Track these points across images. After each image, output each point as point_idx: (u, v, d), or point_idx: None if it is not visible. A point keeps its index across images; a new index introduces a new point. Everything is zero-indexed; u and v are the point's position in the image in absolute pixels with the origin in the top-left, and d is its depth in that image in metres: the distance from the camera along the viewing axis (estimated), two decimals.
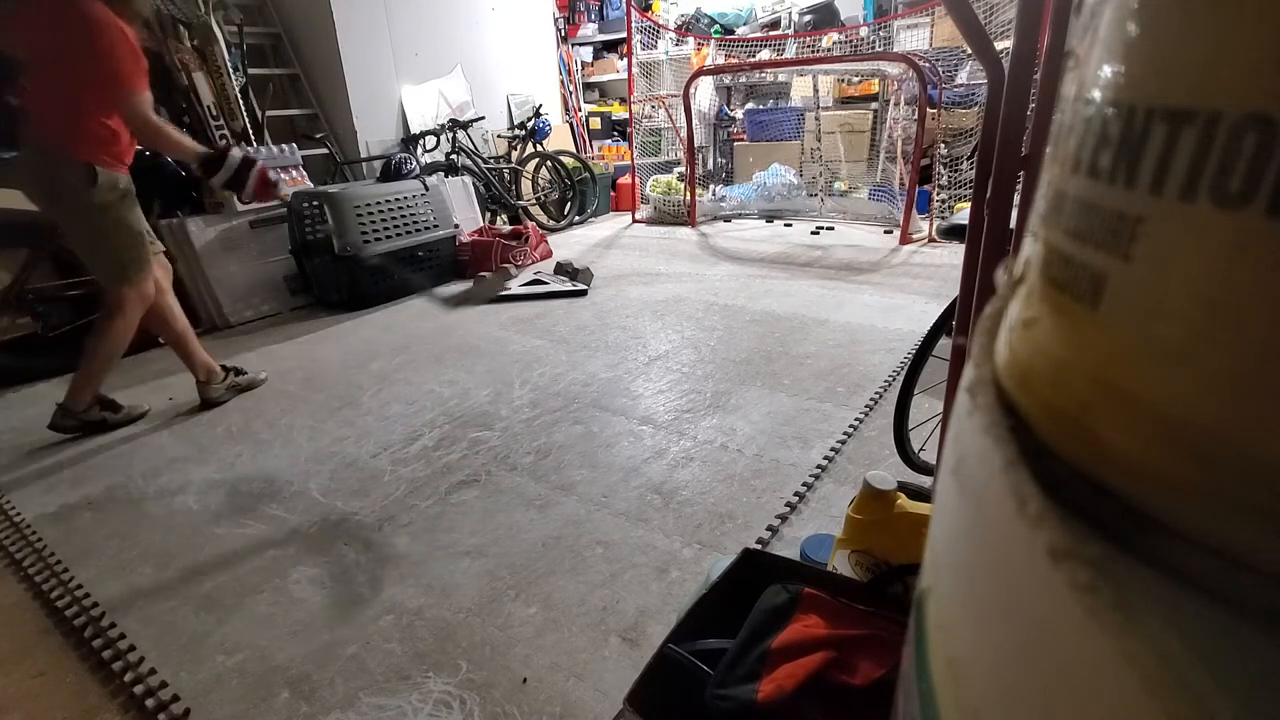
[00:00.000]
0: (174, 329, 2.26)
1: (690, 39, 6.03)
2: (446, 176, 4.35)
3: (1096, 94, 0.22)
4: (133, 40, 1.89)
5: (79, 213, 1.95)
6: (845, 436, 1.90)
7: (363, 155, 4.40)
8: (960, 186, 4.51)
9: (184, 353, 2.29)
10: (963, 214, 1.16)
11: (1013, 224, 0.98)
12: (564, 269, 3.70)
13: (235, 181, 2.09)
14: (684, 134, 5.10)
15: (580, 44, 7.39)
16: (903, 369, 2.06)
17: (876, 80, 5.32)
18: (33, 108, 1.91)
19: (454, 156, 4.54)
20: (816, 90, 5.46)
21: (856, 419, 2.00)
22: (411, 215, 3.71)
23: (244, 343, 3.06)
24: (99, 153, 1.94)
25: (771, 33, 5.98)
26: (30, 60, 1.90)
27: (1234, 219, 0.17)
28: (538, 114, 5.18)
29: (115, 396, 2.27)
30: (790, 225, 5.14)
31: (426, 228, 3.78)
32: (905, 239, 4.30)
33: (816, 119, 5.43)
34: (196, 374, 2.33)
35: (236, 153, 2.10)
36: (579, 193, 5.34)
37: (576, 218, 5.43)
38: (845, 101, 5.65)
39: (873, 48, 5.26)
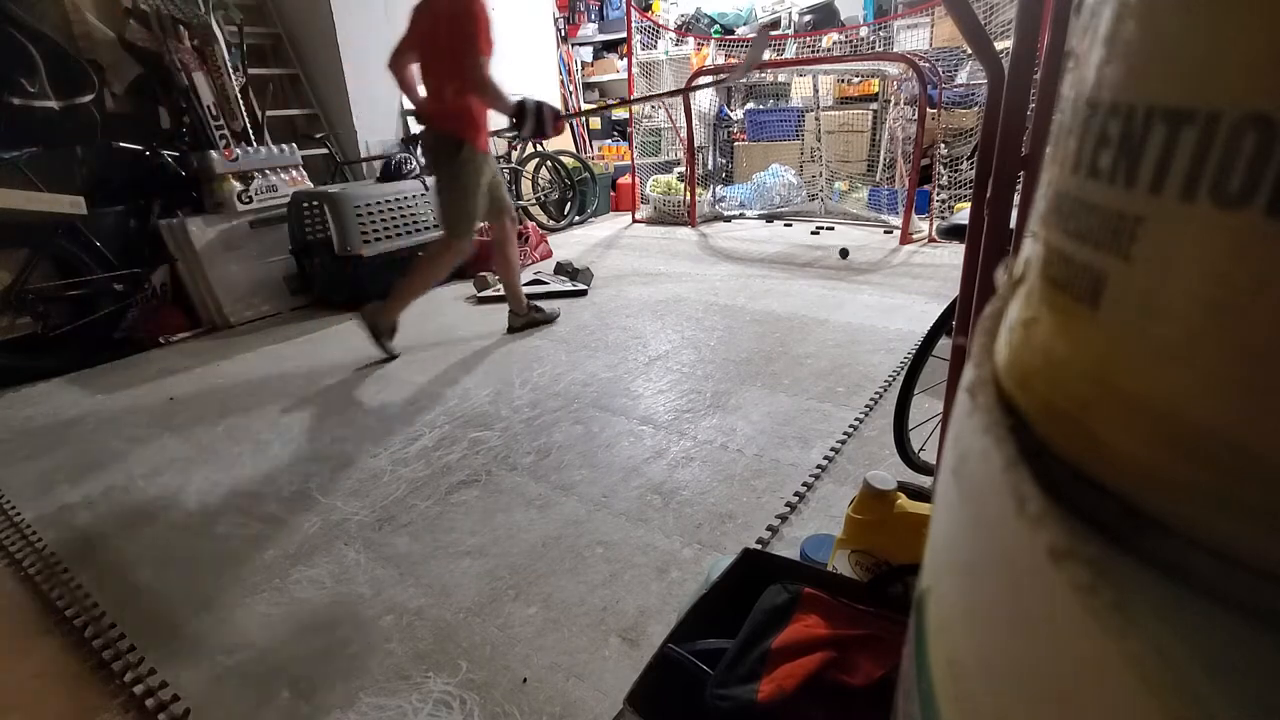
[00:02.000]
0: (509, 270, 2.89)
1: (690, 39, 6.03)
2: None
3: (1096, 94, 0.22)
4: (488, 13, 2.37)
5: (447, 174, 2.52)
6: (845, 436, 1.91)
7: (363, 155, 4.40)
8: (960, 186, 4.51)
9: (510, 288, 2.93)
10: (963, 214, 1.16)
11: (1013, 224, 0.98)
12: (564, 269, 3.70)
13: (538, 125, 2.52)
14: (684, 134, 5.10)
15: (580, 44, 7.39)
16: (903, 369, 2.07)
17: (876, 80, 5.32)
18: (429, 95, 2.55)
19: None
20: (816, 90, 5.45)
21: (856, 419, 2.00)
22: (411, 215, 3.71)
23: (245, 343, 3.06)
24: (466, 131, 2.47)
25: (771, 33, 5.98)
26: (425, 54, 2.55)
27: (1234, 219, 0.17)
28: None
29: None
30: (790, 225, 5.14)
31: (426, 228, 3.78)
32: (905, 239, 4.30)
33: (816, 119, 5.43)
34: (512, 305, 2.96)
35: (530, 101, 2.52)
36: (579, 193, 5.34)
37: (576, 218, 5.43)
38: (845, 101, 5.65)
39: (873, 48, 5.26)
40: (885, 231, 4.66)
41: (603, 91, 7.57)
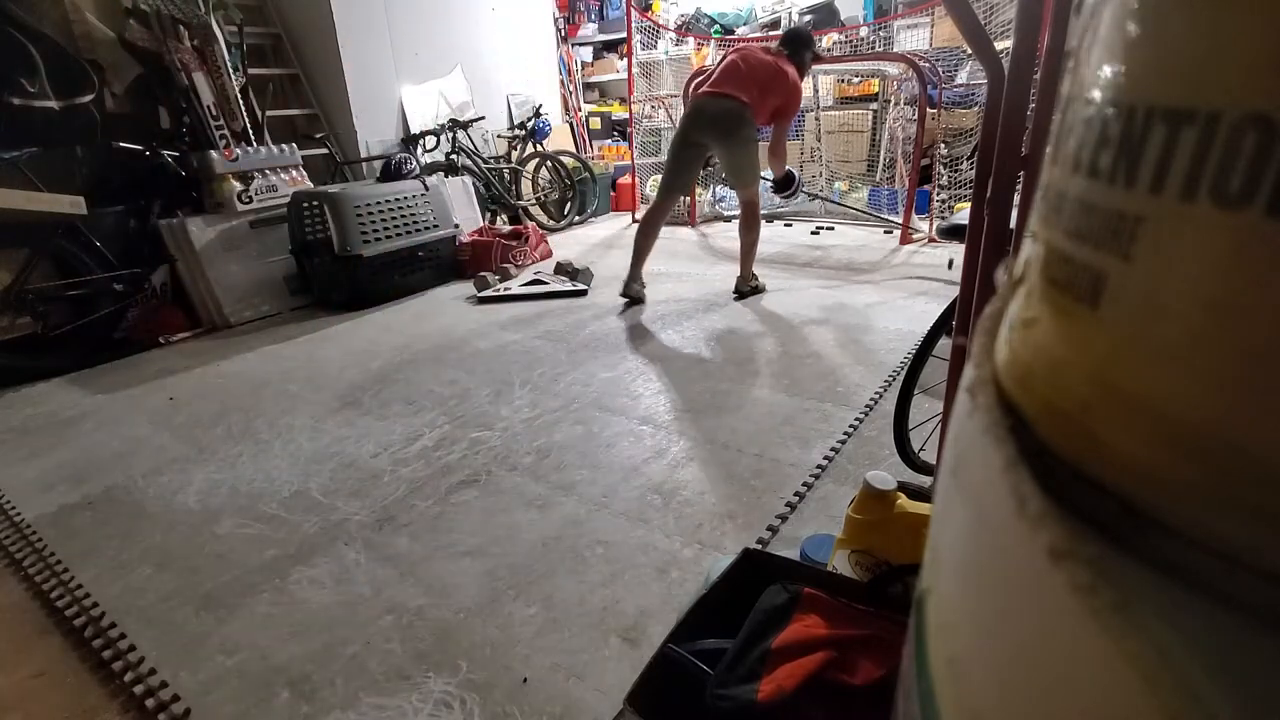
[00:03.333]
0: (754, 231, 3.36)
1: (690, 39, 6.03)
2: (446, 176, 4.35)
3: (1096, 94, 0.22)
4: (799, 95, 3.23)
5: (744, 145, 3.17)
6: (845, 436, 1.90)
7: (363, 155, 4.40)
8: (960, 186, 4.51)
9: (746, 251, 3.35)
10: (963, 214, 1.16)
11: (1013, 224, 0.98)
12: (564, 269, 3.70)
13: (785, 185, 3.45)
14: None
15: (580, 44, 7.39)
16: (903, 369, 2.07)
17: (876, 80, 5.32)
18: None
19: (454, 156, 4.54)
20: (816, 90, 5.45)
21: (856, 419, 2.00)
22: (411, 215, 3.71)
23: (244, 343, 3.06)
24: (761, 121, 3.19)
25: (771, 33, 5.98)
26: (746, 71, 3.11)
27: (1234, 219, 0.17)
28: (538, 114, 5.18)
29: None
30: (790, 225, 5.14)
31: (426, 228, 3.78)
32: (905, 239, 4.30)
33: (816, 119, 5.43)
34: (743, 270, 3.36)
35: (794, 187, 3.51)
36: (579, 193, 5.34)
37: (576, 218, 5.43)
38: (845, 101, 5.65)
39: (873, 48, 5.25)
40: (885, 231, 4.66)
41: (603, 92, 7.57)
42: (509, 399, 2.27)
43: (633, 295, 3.25)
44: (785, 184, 3.40)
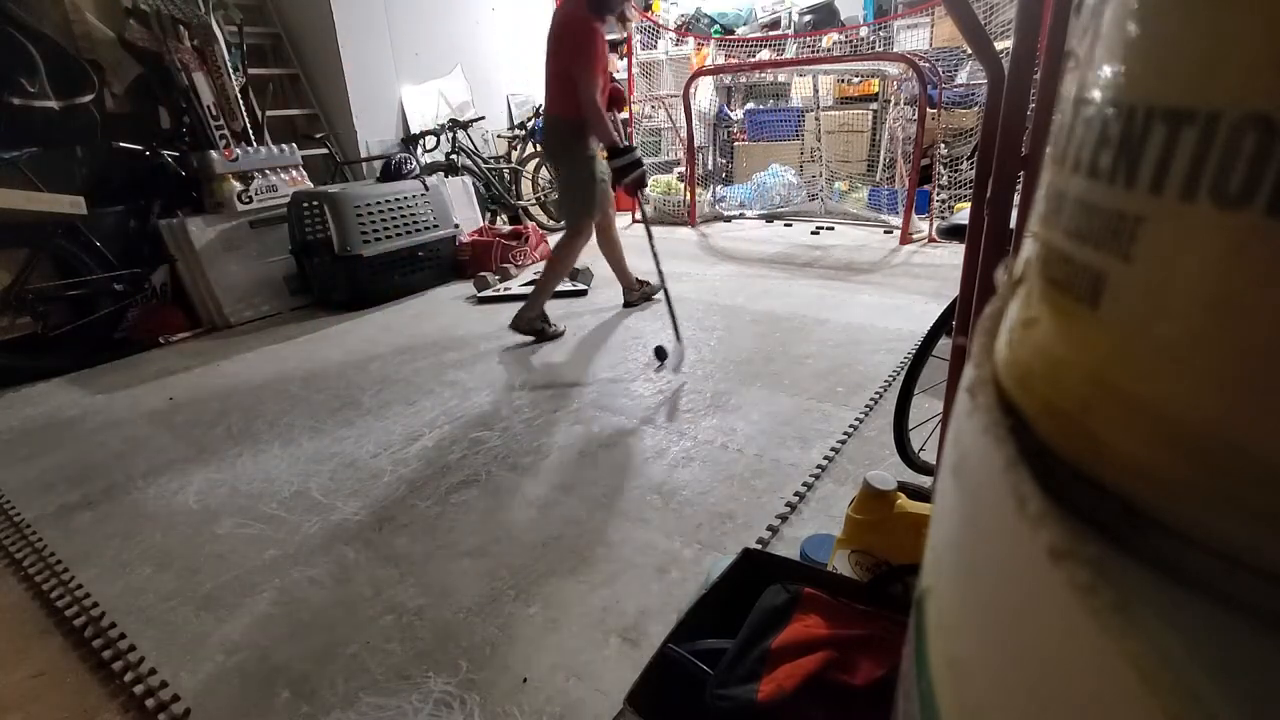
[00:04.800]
0: (615, 252, 3.07)
1: (690, 39, 6.03)
2: (446, 176, 4.35)
3: (1096, 94, 0.22)
4: (605, 45, 2.59)
5: (574, 164, 2.67)
6: (845, 436, 1.90)
7: (363, 155, 4.40)
8: (960, 186, 4.51)
9: (617, 269, 3.12)
10: (963, 214, 1.16)
11: (1013, 224, 0.98)
12: None
13: (625, 170, 2.57)
14: (684, 134, 5.10)
15: None
16: (903, 369, 2.06)
17: (876, 80, 5.32)
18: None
19: (454, 156, 4.54)
20: (816, 90, 5.45)
21: (856, 419, 2.00)
22: (411, 215, 3.71)
23: (244, 342, 3.06)
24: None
25: (771, 33, 5.98)
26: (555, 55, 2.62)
27: (1234, 219, 0.17)
28: (538, 114, 5.18)
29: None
30: (790, 225, 5.14)
31: (426, 228, 3.78)
32: (905, 239, 4.30)
33: (816, 119, 5.43)
34: (624, 285, 3.17)
35: (632, 156, 2.60)
36: None
37: None
38: (845, 101, 5.65)
39: (873, 48, 5.25)
40: (885, 231, 4.66)
41: None
42: (509, 399, 2.27)
43: (553, 333, 2.86)
44: (621, 153, 2.58)
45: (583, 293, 3.50)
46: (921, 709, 0.28)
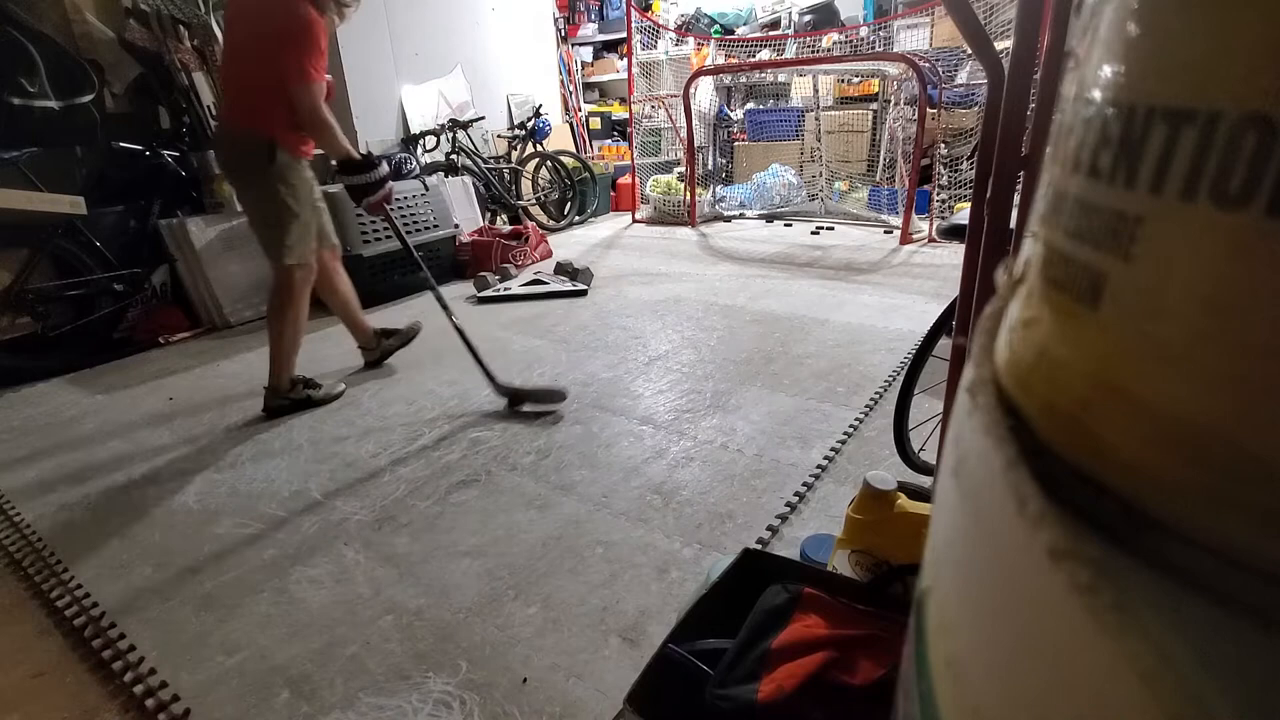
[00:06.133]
0: (341, 299, 2.46)
1: (690, 39, 6.03)
2: (446, 176, 4.35)
3: (1096, 94, 0.22)
4: (322, 29, 2.03)
5: (260, 187, 2.07)
6: (845, 436, 1.90)
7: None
8: (960, 186, 4.51)
9: (349, 321, 2.53)
10: (963, 214, 1.16)
11: (1013, 224, 0.98)
12: (564, 269, 3.70)
13: (362, 189, 2.14)
14: (684, 134, 5.10)
15: (580, 44, 7.39)
16: (903, 369, 2.06)
17: (876, 80, 5.32)
18: (229, 88, 2.13)
19: (454, 156, 4.54)
20: (816, 90, 5.45)
21: (856, 419, 2.00)
22: (411, 215, 3.71)
23: (244, 343, 3.06)
24: (287, 138, 2.06)
25: (771, 33, 5.98)
26: (233, 42, 2.10)
27: (1234, 219, 0.17)
28: (538, 114, 5.18)
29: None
30: (790, 225, 5.14)
31: (426, 228, 3.78)
32: (905, 239, 4.30)
33: (816, 119, 5.43)
34: (360, 341, 2.58)
35: (382, 169, 2.16)
36: (579, 193, 5.34)
37: (576, 218, 5.43)
38: (845, 101, 5.65)
39: (873, 48, 5.25)
40: (885, 231, 4.66)
41: (603, 92, 7.57)
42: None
43: (323, 397, 2.30)
44: (357, 168, 2.13)
45: (582, 293, 3.50)
46: (921, 709, 0.28)
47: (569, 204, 5.37)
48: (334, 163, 2.16)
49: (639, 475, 1.77)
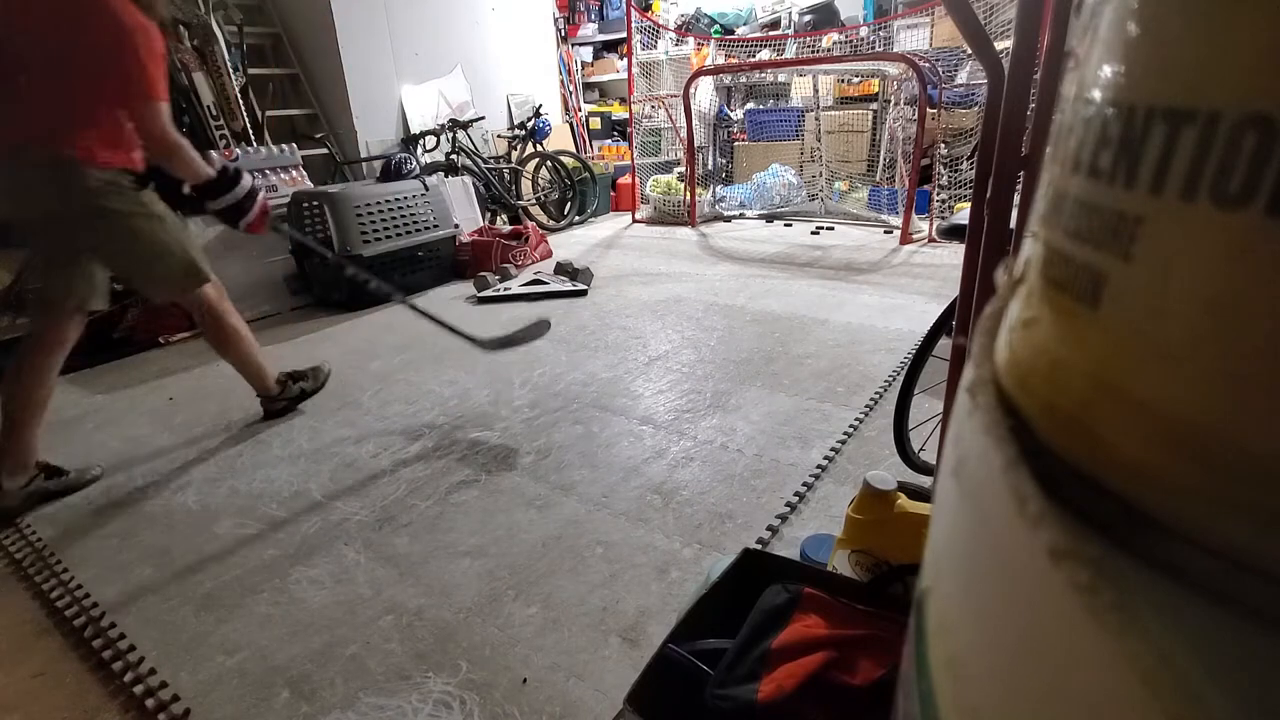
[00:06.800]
0: (231, 342, 2.08)
1: (690, 39, 6.03)
2: (446, 176, 4.35)
3: (1096, 94, 0.22)
4: (160, 41, 1.69)
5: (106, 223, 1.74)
6: (845, 436, 1.90)
7: (363, 155, 4.40)
8: (960, 186, 4.51)
9: (245, 370, 2.15)
10: (963, 214, 1.16)
11: (1013, 224, 0.98)
12: (564, 269, 3.70)
13: (235, 210, 1.89)
14: (684, 134, 5.10)
15: (580, 44, 7.39)
16: (903, 369, 2.06)
17: (876, 80, 5.32)
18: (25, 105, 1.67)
19: (454, 156, 4.54)
20: (816, 90, 5.45)
21: (856, 419, 2.00)
22: (411, 215, 3.71)
23: None
24: (105, 153, 1.70)
25: (771, 33, 5.98)
26: (20, 48, 1.65)
27: (1234, 219, 0.17)
28: (538, 114, 5.18)
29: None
30: (790, 225, 5.14)
31: (426, 228, 3.78)
32: (905, 239, 4.30)
33: (816, 119, 5.43)
34: (259, 390, 2.20)
35: (248, 181, 1.91)
36: (579, 193, 5.34)
37: (576, 218, 5.43)
38: (845, 101, 5.65)
39: (873, 48, 5.25)
40: (885, 231, 4.66)
41: (603, 92, 7.57)
42: (509, 399, 2.27)
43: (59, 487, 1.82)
44: (221, 188, 1.85)
45: (582, 293, 3.50)
46: (921, 709, 0.28)
47: (569, 204, 5.37)
48: (188, 189, 1.81)
49: (639, 475, 1.77)
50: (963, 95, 4.71)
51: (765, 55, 5.70)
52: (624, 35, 5.90)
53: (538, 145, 5.20)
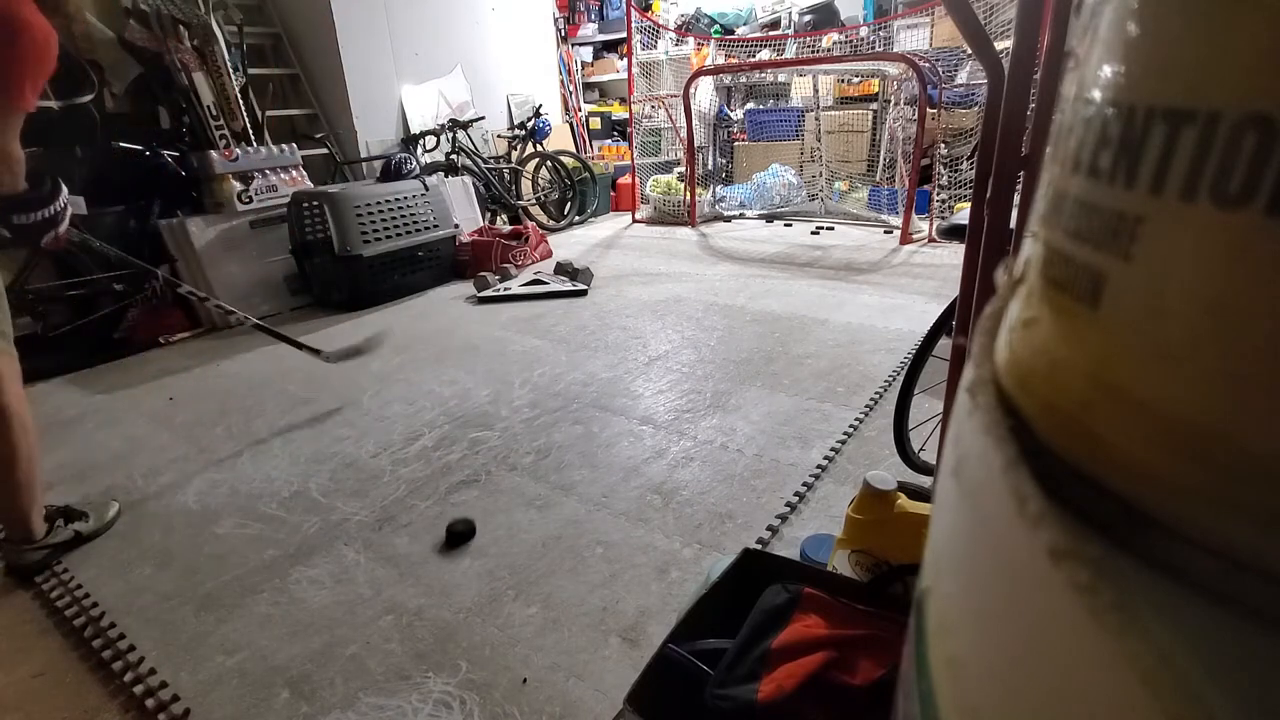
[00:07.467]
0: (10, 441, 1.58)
1: (690, 39, 6.03)
2: (446, 176, 4.35)
3: (1096, 94, 0.22)
4: (51, 47, 1.46)
5: None
6: (845, 436, 1.90)
7: (363, 155, 4.40)
8: (960, 186, 4.51)
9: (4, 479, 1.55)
10: (963, 214, 1.16)
11: (1013, 224, 0.98)
12: (564, 269, 3.70)
13: (47, 225, 1.64)
14: (684, 134, 5.10)
15: (580, 44, 7.39)
16: (903, 369, 2.07)
17: (876, 80, 5.32)
18: None
19: (454, 156, 4.54)
20: (816, 90, 5.45)
21: (856, 419, 2.00)
22: (411, 215, 3.71)
23: (243, 343, 3.06)
24: None
25: (771, 33, 5.98)
26: None
27: (1234, 219, 0.17)
28: (538, 114, 5.18)
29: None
30: (790, 225, 5.14)
31: (426, 228, 3.78)
32: (905, 239, 4.30)
33: (816, 119, 5.43)
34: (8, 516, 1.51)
35: (65, 191, 1.67)
36: (579, 193, 5.34)
37: (576, 218, 5.43)
38: (845, 101, 5.65)
39: (873, 48, 5.25)
40: (885, 231, 4.66)
41: (603, 92, 7.57)
42: (509, 399, 2.27)
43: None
44: (35, 203, 1.64)
45: (582, 293, 3.50)
46: (921, 709, 0.28)
47: (569, 204, 5.37)
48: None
49: (639, 475, 1.77)
50: (963, 95, 4.71)
51: (765, 55, 5.70)
52: (624, 35, 5.90)
53: (538, 145, 5.20)
